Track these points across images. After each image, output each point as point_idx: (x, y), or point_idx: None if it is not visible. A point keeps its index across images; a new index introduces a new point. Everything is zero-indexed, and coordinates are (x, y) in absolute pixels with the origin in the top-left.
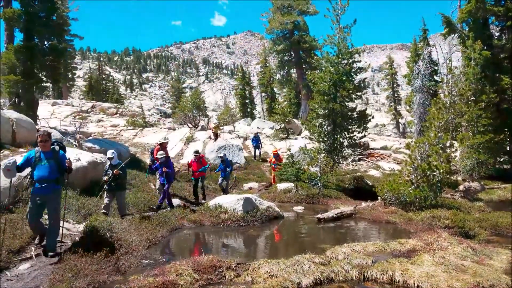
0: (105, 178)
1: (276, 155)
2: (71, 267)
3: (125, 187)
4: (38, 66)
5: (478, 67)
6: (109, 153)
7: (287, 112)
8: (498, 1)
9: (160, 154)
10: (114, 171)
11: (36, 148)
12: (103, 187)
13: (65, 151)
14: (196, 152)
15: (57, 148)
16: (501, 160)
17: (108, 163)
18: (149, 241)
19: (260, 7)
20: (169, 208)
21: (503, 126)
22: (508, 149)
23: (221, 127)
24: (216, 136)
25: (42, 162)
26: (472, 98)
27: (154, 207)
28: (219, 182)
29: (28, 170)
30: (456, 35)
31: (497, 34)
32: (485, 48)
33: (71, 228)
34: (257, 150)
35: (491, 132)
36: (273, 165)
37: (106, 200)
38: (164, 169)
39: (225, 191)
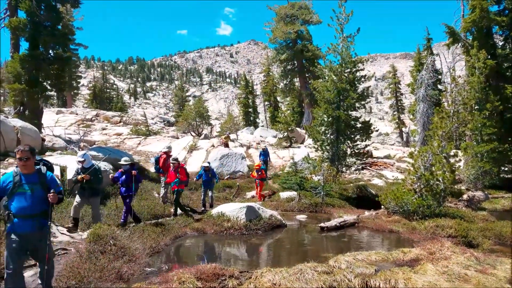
0: (73, 178)
1: (258, 170)
2: (74, 274)
3: (99, 193)
4: (43, 75)
5: (483, 76)
6: (79, 156)
7: (290, 120)
8: (501, 11)
9: (124, 161)
10: (83, 175)
11: (15, 169)
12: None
13: (53, 172)
14: (174, 159)
15: (43, 169)
16: (505, 169)
17: (80, 165)
18: (152, 249)
19: (267, 16)
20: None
21: (507, 135)
22: None
23: (231, 138)
24: (227, 145)
25: (23, 189)
26: (476, 107)
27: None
28: (202, 197)
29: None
30: (459, 44)
31: (500, 43)
32: (489, 57)
33: (75, 236)
34: (265, 165)
35: (495, 141)
36: (257, 181)
37: (75, 203)
38: (134, 172)
39: (205, 206)
